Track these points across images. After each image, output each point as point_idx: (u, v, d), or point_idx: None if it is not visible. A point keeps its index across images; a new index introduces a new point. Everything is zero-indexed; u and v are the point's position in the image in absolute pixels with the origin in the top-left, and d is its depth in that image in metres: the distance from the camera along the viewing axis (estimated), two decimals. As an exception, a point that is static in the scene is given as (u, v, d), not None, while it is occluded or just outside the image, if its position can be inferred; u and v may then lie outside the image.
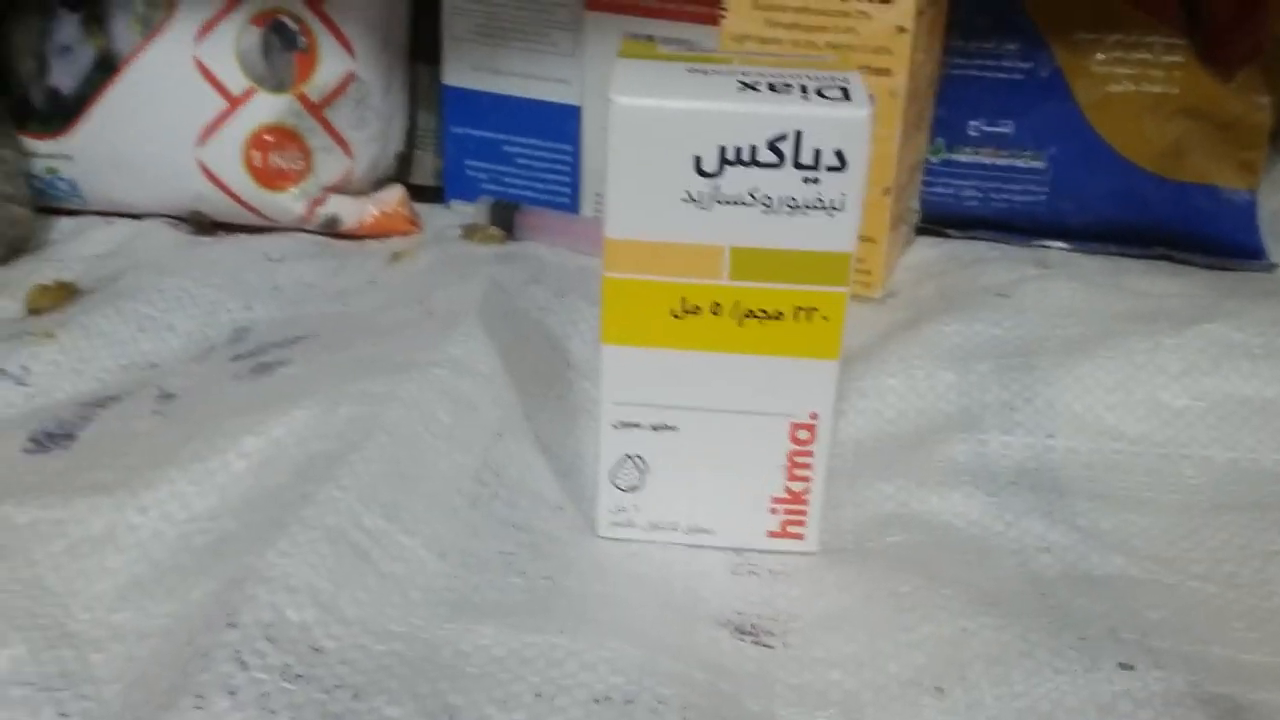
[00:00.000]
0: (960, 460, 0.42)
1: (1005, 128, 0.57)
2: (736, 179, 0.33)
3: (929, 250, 0.58)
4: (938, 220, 0.59)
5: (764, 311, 0.35)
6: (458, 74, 0.60)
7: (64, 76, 0.57)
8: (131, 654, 0.31)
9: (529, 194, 0.60)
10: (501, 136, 0.60)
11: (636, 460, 0.37)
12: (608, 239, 0.34)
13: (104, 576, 0.33)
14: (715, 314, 0.35)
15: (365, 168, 0.59)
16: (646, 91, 0.33)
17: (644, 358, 0.35)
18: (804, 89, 0.34)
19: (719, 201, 0.34)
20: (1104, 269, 0.55)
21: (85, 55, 0.56)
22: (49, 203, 0.58)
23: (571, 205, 0.60)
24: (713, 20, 0.52)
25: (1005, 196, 0.58)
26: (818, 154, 0.33)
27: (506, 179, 0.61)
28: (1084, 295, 0.50)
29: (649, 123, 0.33)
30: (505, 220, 0.58)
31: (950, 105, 0.57)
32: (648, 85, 0.33)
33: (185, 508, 0.35)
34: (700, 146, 0.33)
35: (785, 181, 0.33)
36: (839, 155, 0.33)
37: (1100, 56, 0.56)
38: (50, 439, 0.40)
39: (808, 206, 0.34)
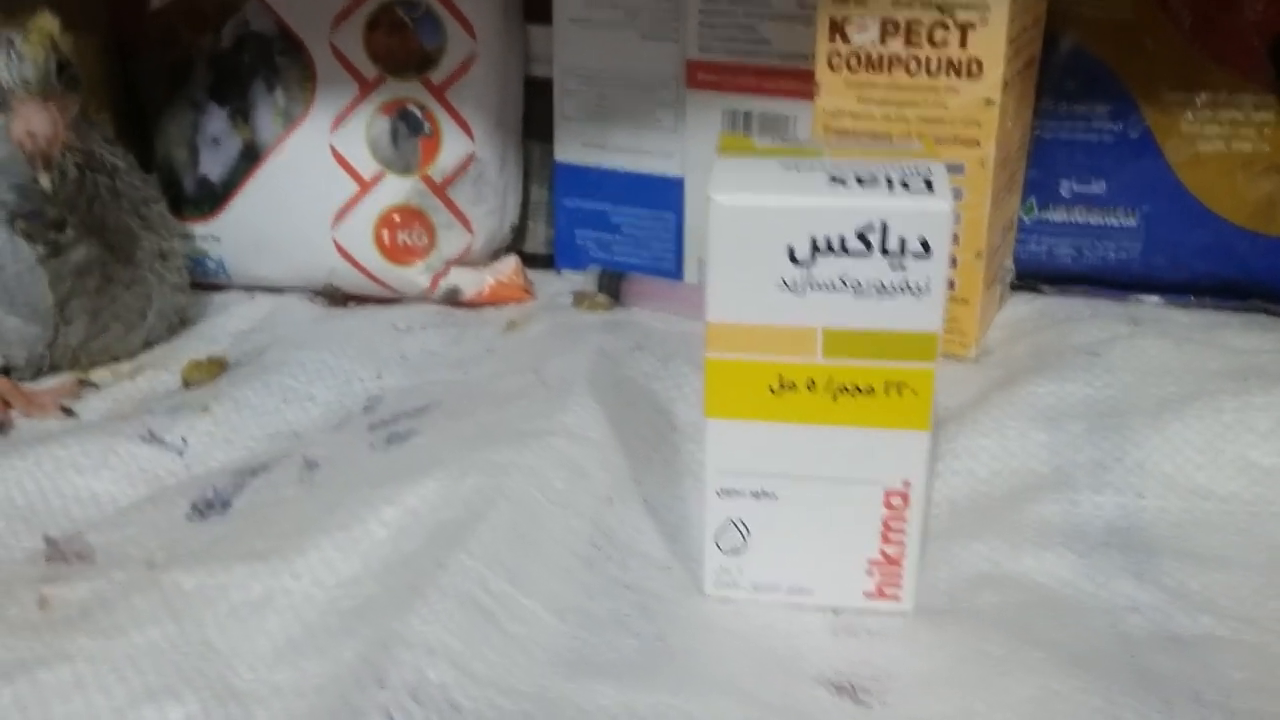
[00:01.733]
0: (1052, 520, 0.43)
1: (1097, 187, 0.59)
2: (827, 266, 0.36)
3: (1023, 306, 0.60)
4: (1032, 276, 0.61)
5: (856, 387, 0.37)
6: (568, 150, 0.64)
7: (213, 165, 0.62)
8: (291, 710, 0.34)
9: (634, 261, 0.64)
10: (609, 207, 0.64)
11: (739, 525, 0.39)
12: (709, 323, 0.37)
13: (263, 637, 0.37)
14: (810, 390, 0.37)
15: (483, 241, 0.63)
16: (743, 189, 0.36)
17: (745, 430, 0.38)
18: (890, 181, 0.36)
19: (811, 287, 0.36)
20: (1197, 324, 0.56)
21: (232, 146, 0.62)
22: (199, 279, 0.63)
23: (675, 271, 0.63)
24: (807, 96, 0.55)
25: (1099, 253, 0.60)
26: (903, 242, 0.35)
27: (613, 247, 0.64)
28: (1175, 353, 0.52)
29: (746, 218, 0.35)
30: (612, 288, 0.61)
31: (1042, 167, 0.59)
32: (744, 183, 0.36)
33: (333, 573, 0.39)
34: (793, 238, 0.35)
35: (873, 268, 0.35)
36: (923, 243, 0.35)
37: (1189, 116, 0.57)
38: (209, 507, 0.44)
39: (895, 290, 0.36)
